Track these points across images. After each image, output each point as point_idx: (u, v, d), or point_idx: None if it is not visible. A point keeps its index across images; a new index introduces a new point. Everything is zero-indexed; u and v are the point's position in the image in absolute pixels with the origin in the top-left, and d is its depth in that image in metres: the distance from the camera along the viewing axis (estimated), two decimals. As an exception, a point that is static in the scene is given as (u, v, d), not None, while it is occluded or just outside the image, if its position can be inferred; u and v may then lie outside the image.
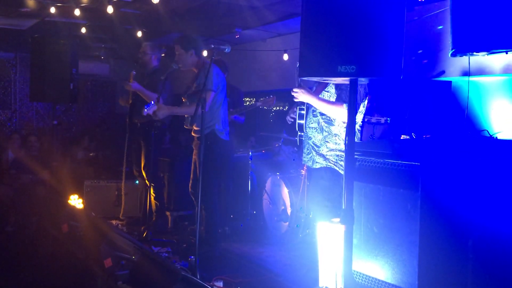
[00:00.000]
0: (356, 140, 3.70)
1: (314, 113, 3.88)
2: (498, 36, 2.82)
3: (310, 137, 3.91)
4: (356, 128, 3.76)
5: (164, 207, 5.96)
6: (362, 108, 3.79)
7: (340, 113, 3.69)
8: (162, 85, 5.34)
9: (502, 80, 4.56)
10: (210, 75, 4.68)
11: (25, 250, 4.79)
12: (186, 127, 4.87)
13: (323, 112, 3.81)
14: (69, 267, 3.98)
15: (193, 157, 4.98)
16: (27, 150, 7.47)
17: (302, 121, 3.99)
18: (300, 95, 3.74)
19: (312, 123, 3.90)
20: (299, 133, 4.08)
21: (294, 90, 3.74)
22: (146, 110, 4.89)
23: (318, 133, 3.86)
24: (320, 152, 3.83)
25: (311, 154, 3.91)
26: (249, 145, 6.97)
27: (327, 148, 3.81)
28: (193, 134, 4.91)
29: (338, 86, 3.78)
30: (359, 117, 3.79)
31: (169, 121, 5.76)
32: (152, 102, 4.92)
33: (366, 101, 3.79)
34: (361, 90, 3.69)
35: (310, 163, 3.92)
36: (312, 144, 3.89)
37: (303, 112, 3.99)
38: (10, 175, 6.89)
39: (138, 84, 5.47)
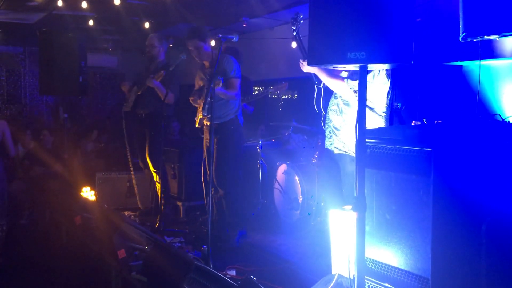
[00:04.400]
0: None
1: (336, 95, 3.78)
2: (509, 19, 2.77)
3: (331, 119, 3.82)
4: (381, 115, 3.63)
5: (169, 193, 6.00)
6: (384, 96, 3.60)
7: (339, 88, 3.61)
8: (171, 76, 5.33)
9: (513, 64, 4.51)
10: (231, 64, 4.65)
11: (39, 243, 4.85)
12: (203, 116, 4.84)
13: (326, 84, 3.74)
14: (83, 259, 4.02)
15: (207, 145, 4.92)
16: (40, 143, 7.54)
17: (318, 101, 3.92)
18: (304, 66, 3.71)
19: (333, 105, 3.81)
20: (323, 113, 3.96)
21: (301, 61, 3.71)
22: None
23: (337, 115, 3.76)
24: (339, 137, 3.75)
25: (331, 138, 3.84)
26: (259, 134, 6.97)
27: (346, 131, 3.70)
28: (207, 122, 4.85)
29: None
30: (383, 103, 3.62)
31: (172, 111, 5.76)
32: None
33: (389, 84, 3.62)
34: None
35: (330, 147, 3.86)
36: (333, 128, 3.80)
37: (321, 91, 3.89)
38: (23, 166, 6.96)
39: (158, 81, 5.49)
